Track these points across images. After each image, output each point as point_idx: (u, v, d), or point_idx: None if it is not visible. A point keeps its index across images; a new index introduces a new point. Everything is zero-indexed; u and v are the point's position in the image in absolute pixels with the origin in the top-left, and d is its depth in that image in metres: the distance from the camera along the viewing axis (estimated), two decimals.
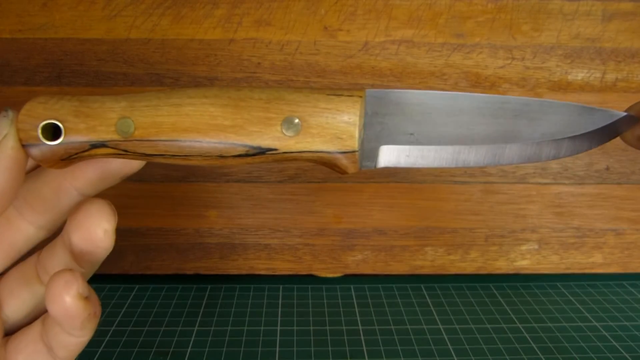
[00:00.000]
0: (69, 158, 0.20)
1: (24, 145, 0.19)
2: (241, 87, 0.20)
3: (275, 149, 0.20)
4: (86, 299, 0.18)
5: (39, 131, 0.19)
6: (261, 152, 0.20)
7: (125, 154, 0.20)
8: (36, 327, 0.21)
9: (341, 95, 0.20)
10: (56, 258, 0.21)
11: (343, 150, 0.20)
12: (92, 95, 0.20)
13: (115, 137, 0.19)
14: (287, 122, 0.19)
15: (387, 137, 0.20)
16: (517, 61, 0.39)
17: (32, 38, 0.37)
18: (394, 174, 0.41)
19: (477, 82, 0.39)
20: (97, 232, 0.19)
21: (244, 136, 0.19)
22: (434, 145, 0.20)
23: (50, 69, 0.37)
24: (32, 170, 0.21)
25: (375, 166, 0.20)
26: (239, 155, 0.20)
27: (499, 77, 0.39)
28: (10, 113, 0.19)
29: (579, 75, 0.39)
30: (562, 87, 0.40)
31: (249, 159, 0.20)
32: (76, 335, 0.19)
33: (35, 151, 0.19)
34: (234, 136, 0.19)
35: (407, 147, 0.20)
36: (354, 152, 0.20)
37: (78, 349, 0.20)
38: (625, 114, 0.20)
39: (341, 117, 0.19)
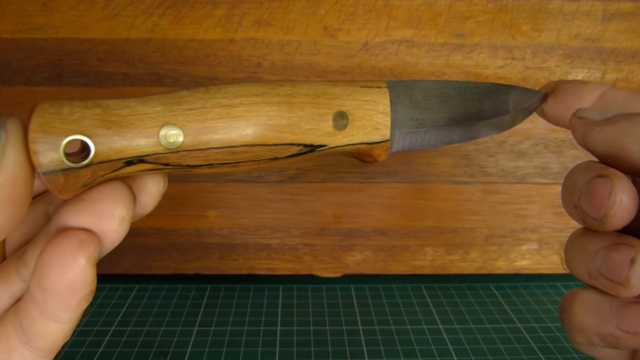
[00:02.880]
0: (93, 182, 0.16)
1: (43, 174, 0.15)
2: (281, 82, 0.19)
3: (325, 145, 0.19)
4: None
5: (61, 152, 0.15)
6: (312, 150, 0.19)
7: (163, 168, 0.17)
8: (7, 319, 0.17)
9: (371, 87, 0.20)
10: (37, 253, 0.17)
11: (379, 139, 0.20)
12: (109, 100, 0.17)
13: (158, 149, 0.16)
14: (337, 116, 0.19)
15: (399, 123, 0.21)
16: (517, 61, 0.39)
17: (32, 38, 0.37)
18: (394, 174, 0.41)
19: None
20: (112, 216, 0.16)
21: (299, 135, 0.18)
22: (432, 128, 0.22)
23: (50, 69, 0.37)
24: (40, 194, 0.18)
25: (390, 152, 0.22)
26: (290, 156, 0.19)
27: (499, 77, 0.39)
28: (3, 135, 0.14)
29: (579, 75, 0.39)
30: None
31: (295, 159, 0.19)
32: (59, 320, 0.16)
33: (57, 179, 0.15)
34: (290, 136, 0.18)
35: (414, 131, 0.22)
36: (387, 140, 0.20)
37: (60, 339, 0.17)
38: (542, 92, 0.23)
39: (377, 108, 0.20)
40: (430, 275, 0.43)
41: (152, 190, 0.18)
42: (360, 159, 0.21)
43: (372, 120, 0.20)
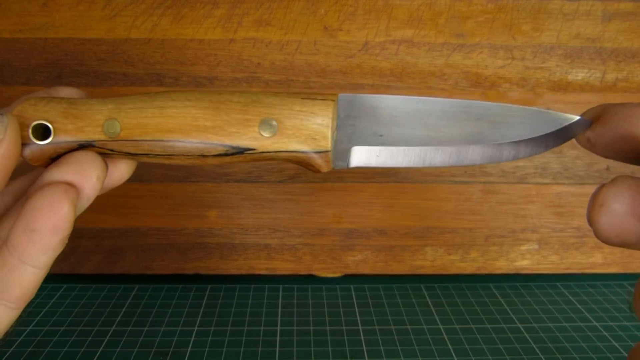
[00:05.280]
0: (58, 157, 0.21)
1: None
2: (223, 90, 0.21)
3: (253, 149, 0.21)
4: None
5: (30, 132, 0.20)
6: (240, 151, 0.21)
7: (111, 153, 0.21)
8: None
9: (315, 99, 0.21)
10: (11, 222, 0.20)
11: (317, 150, 0.21)
12: (81, 99, 0.21)
13: (102, 137, 0.20)
14: (264, 123, 0.21)
15: (359, 138, 0.21)
16: (517, 61, 0.39)
17: (32, 38, 0.37)
18: (394, 174, 0.41)
19: (477, 82, 0.39)
20: (91, 175, 0.20)
21: (224, 136, 0.21)
22: (402, 146, 0.21)
23: (50, 69, 0.37)
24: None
25: (347, 166, 0.21)
26: (219, 155, 0.21)
27: (499, 77, 0.39)
28: (6, 119, 0.19)
29: (579, 75, 0.39)
30: (562, 87, 0.40)
31: (228, 158, 0.21)
32: (37, 264, 0.19)
33: (26, 151, 0.20)
34: (214, 136, 0.21)
35: (377, 147, 0.21)
36: (327, 152, 0.21)
37: (33, 286, 0.19)
38: (578, 117, 0.20)
39: (315, 119, 0.21)
40: (430, 275, 0.43)
41: (121, 167, 0.22)
42: (304, 167, 0.22)
43: (307, 130, 0.21)
